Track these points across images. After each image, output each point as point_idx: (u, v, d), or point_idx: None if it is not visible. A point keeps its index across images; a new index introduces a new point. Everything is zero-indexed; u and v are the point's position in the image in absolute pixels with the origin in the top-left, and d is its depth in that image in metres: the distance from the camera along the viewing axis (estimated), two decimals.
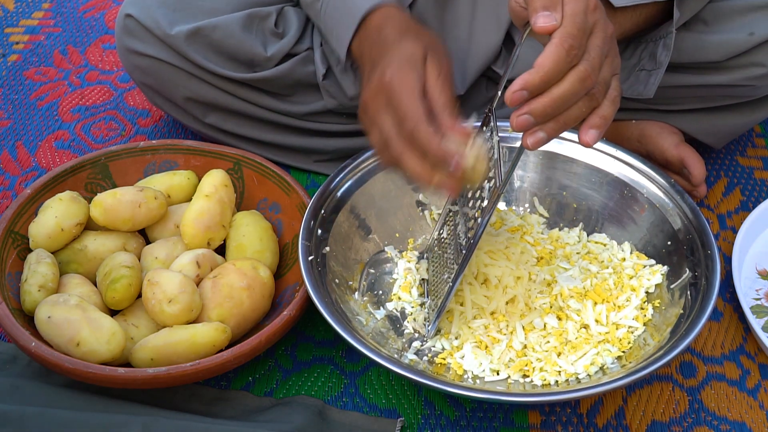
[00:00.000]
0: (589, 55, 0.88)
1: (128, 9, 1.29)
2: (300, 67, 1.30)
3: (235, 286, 1.10)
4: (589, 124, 0.92)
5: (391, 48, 1.06)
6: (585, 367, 1.04)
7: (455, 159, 0.95)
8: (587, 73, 0.88)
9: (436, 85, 1.01)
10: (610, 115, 0.92)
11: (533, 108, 0.88)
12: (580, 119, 0.91)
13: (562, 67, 0.87)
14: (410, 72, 1.01)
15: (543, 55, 0.87)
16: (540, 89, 0.87)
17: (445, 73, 1.03)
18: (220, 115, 1.34)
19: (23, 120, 1.50)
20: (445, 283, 1.06)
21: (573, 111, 0.90)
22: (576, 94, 0.88)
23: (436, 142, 0.96)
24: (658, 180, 1.17)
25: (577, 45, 0.87)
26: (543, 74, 0.87)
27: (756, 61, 1.22)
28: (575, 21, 0.87)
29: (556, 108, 0.88)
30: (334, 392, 1.11)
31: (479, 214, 0.99)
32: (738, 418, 1.09)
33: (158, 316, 1.07)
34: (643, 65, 1.18)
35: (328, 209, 1.15)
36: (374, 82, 1.03)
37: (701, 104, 1.31)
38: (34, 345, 1.03)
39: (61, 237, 1.14)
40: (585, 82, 0.88)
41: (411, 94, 0.99)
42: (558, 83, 0.88)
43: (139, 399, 1.06)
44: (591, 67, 0.88)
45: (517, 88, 0.87)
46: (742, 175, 1.41)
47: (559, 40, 0.87)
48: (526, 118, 0.88)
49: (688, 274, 1.09)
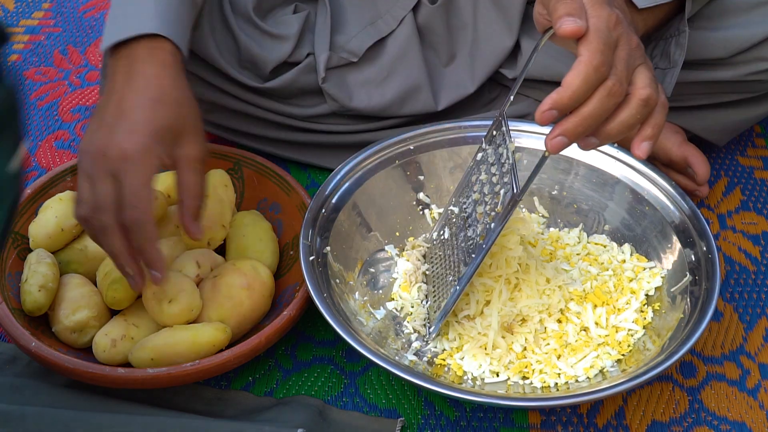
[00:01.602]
0: (616, 69, 0.88)
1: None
2: (303, 76, 1.29)
3: (235, 286, 1.10)
4: (642, 136, 0.92)
5: (147, 105, 0.95)
6: (585, 370, 1.04)
7: (159, 272, 0.97)
8: (615, 88, 0.88)
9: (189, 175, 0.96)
10: (662, 122, 0.92)
11: (565, 129, 0.88)
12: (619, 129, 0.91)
13: (591, 85, 0.87)
14: (156, 153, 0.93)
15: (571, 73, 0.86)
16: (569, 107, 0.87)
17: (201, 161, 0.97)
18: (220, 114, 1.34)
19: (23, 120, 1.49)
20: (450, 285, 1.05)
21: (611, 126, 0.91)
22: (606, 110, 0.88)
23: (157, 245, 0.96)
24: (659, 181, 1.17)
25: (605, 61, 0.87)
26: (572, 93, 0.86)
27: (761, 55, 1.22)
28: (600, 36, 0.87)
29: (588, 126, 0.89)
30: (334, 392, 1.11)
31: (492, 219, 0.99)
32: (738, 418, 1.09)
33: (158, 316, 1.07)
34: (657, 63, 1.18)
35: (328, 209, 1.15)
36: (108, 139, 0.93)
37: (706, 100, 1.31)
38: (34, 345, 1.03)
39: (61, 237, 1.14)
40: (614, 98, 0.88)
41: (147, 183, 0.93)
42: (587, 101, 0.88)
43: (139, 399, 1.06)
44: (618, 82, 0.88)
45: (546, 108, 0.87)
46: (743, 175, 1.41)
47: (587, 58, 0.86)
48: (561, 139, 0.89)
49: (688, 277, 1.09)
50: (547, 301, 1.07)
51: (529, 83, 1.30)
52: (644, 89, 0.90)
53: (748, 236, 1.31)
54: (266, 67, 1.28)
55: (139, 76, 0.96)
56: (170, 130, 0.95)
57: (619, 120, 0.90)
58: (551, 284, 1.09)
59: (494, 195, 1.00)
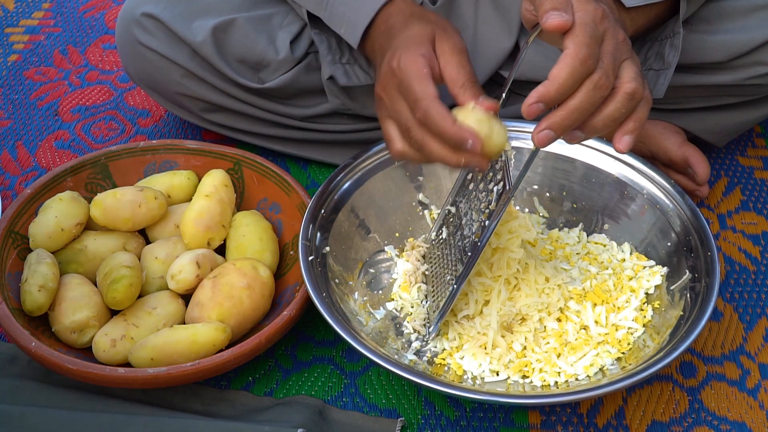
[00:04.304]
0: (603, 63, 0.88)
1: (145, 7, 1.28)
2: (303, 76, 1.29)
3: (235, 285, 1.10)
4: (624, 130, 0.92)
5: (398, 34, 1.04)
6: (585, 369, 1.04)
7: (470, 138, 0.93)
8: (602, 81, 0.87)
9: (451, 62, 0.99)
10: (644, 117, 0.92)
11: (552, 122, 0.88)
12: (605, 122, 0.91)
13: (578, 78, 0.87)
14: (417, 53, 0.98)
15: (557, 67, 0.86)
16: (556, 100, 0.87)
17: (459, 49, 1.00)
18: (220, 114, 1.35)
19: (23, 120, 1.50)
20: (448, 285, 1.05)
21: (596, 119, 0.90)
22: (593, 104, 0.88)
23: (449, 122, 0.94)
24: (659, 181, 1.17)
25: (591, 54, 0.87)
26: (558, 86, 0.86)
27: (760, 59, 1.21)
28: (586, 30, 0.87)
29: (575, 120, 0.89)
30: (334, 392, 1.11)
31: (486, 217, 0.99)
32: (738, 418, 1.09)
33: None
34: (650, 65, 1.18)
35: (328, 209, 1.15)
36: (383, 72, 1.01)
37: (705, 103, 1.30)
38: (34, 345, 1.03)
39: (61, 237, 1.14)
40: (600, 91, 0.88)
41: (419, 76, 0.97)
42: (573, 94, 0.87)
43: (139, 399, 1.07)
44: (605, 75, 0.88)
45: (533, 100, 0.87)
46: (743, 175, 1.41)
47: (573, 51, 0.86)
48: (547, 133, 0.89)
49: (687, 275, 1.09)
50: (546, 300, 1.07)
51: (525, 84, 1.30)
52: (630, 83, 0.90)
53: (748, 236, 1.31)
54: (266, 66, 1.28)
55: (393, 24, 1.07)
56: (424, 34, 1.01)
57: (606, 113, 0.90)
58: (550, 283, 1.09)
59: (488, 192, 1.00)
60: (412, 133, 0.97)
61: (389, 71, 1.00)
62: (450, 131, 0.94)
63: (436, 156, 0.96)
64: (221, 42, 1.26)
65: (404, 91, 0.98)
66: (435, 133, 0.95)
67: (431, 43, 1.01)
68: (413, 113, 0.97)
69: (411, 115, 0.97)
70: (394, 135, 1.00)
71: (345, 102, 1.29)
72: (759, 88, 1.26)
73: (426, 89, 0.96)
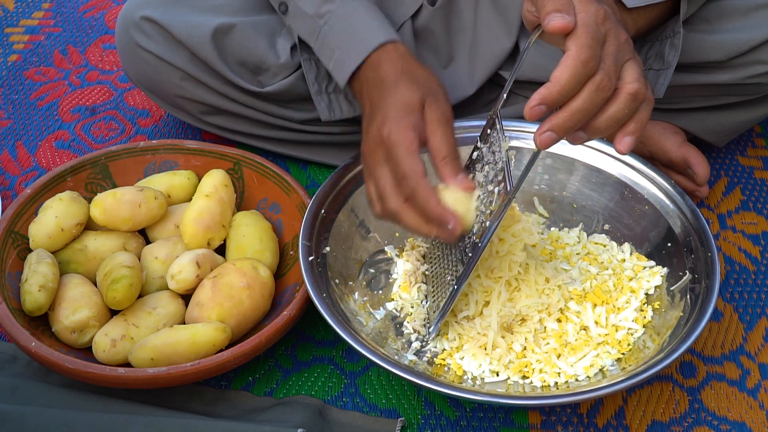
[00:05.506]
0: (605, 64, 0.88)
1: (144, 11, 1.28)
2: (302, 81, 1.29)
3: (235, 286, 1.10)
4: (625, 131, 0.92)
5: (389, 92, 1.05)
6: (585, 369, 1.04)
7: (452, 219, 0.97)
8: (604, 83, 0.87)
9: (436, 132, 1.01)
10: (645, 118, 0.92)
11: (554, 124, 0.88)
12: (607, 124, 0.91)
13: (580, 80, 0.87)
14: (407, 126, 1.00)
15: (559, 69, 0.86)
16: (558, 102, 0.87)
17: (446, 120, 1.02)
18: (219, 116, 1.35)
19: (23, 120, 1.50)
20: (448, 285, 1.05)
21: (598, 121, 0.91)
22: (595, 105, 0.88)
23: (434, 203, 0.97)
24: (659, 181, 1.17)
25: (593, 56, 0.87)
26: (560, 87, 0.86)
27: (760, 58, 1.21)
28: (588, 31, 0.87)
29: (577, 121, 0.89)
30: (334, 392, 1.11)
31: (487, 217, 0.99)
32: (738, 418, 1.09)
33: None
34: (650, 65, 1.18)
35: (328, 209, 1.15)
36: (372, 135, 1.03)
37: (705, 103, 1.30)
38: (34, 345, 1.03)
39: (61, 237, 1.14)
40: (602, 92, 0.88)
41: (409, 153, 0.99)
42: (576, 96, 0.87)
43: (139, 399, 1.07)
44: (607, 77, 0.88)
45: (535, 103, 0.87)
46: (743, 175, 1.41)
47: (575, 52, 0.86)
48: (549, 135, 0.89)
49: (688, 276, 1.09)
50: (546, 301, 1.07)
51: (526, 84, 1.30)
52: (633, 84, 0.90)
53: (748, 236, 1.31)
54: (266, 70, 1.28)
55: (384, 75, 1.07)
56: (415, 101, 1.03)
57: (608, 114, 0.90)
58: (550, 284, 1.09)
59: (489, 193, 1.00)
60: (388, 200, 1.00)
61: (378, 138, 1.02)
62: (434, 212, 0.97)
63: (410, 226, 0.99)
64: (222, 44, 1.26)
65: (391, 163, 1.00)
66: (419, 209, 0.98)
67: (420, 111, 1.02)
68: (397, 184, 0.99)
69: (391, 184, 1.00)
70: (375, 197, 1.03)
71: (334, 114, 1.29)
72: (759, 87, 1.26)
73: (414, 167, 0.98)
